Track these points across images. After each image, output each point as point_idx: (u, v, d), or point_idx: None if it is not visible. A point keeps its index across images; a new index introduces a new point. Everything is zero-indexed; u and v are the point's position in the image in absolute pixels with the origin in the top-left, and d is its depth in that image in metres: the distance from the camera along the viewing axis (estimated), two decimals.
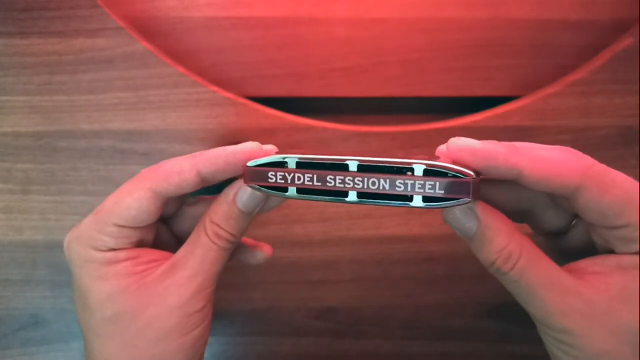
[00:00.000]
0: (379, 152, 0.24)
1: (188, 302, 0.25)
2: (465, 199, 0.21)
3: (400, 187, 0.22)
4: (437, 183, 0.21)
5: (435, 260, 0.42)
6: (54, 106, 0.39)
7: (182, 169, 0.25)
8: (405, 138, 0.41)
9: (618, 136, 0.41)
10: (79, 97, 0.39)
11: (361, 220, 0.41)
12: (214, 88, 0.40)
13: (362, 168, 0.23)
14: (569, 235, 0.27)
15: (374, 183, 0.22)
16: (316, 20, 0.41)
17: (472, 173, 0.21)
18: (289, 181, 0.24)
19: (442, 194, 0.21)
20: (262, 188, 0.24)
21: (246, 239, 0.31)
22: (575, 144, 0.41)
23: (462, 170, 0.21)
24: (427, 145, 0.40)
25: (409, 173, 0.22)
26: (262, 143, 0.41)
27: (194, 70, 0.40)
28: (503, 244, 0.23)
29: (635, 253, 0.22)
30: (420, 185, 0.22)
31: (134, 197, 0.25)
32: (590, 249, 0.25)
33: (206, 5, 0.41)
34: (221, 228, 0.26)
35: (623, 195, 0.22)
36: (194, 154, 0.26)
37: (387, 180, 0.22)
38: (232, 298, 0.42)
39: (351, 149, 0.41)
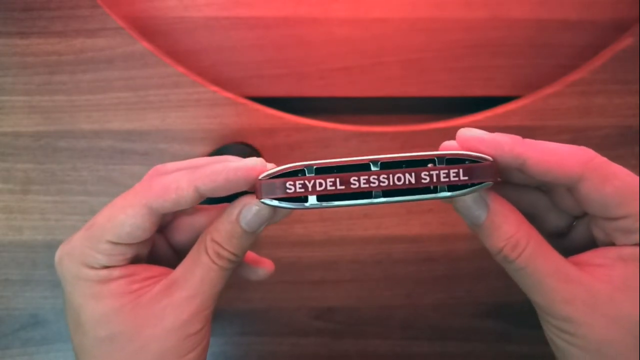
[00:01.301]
0: (388, 152, 0.24)
1: (186, 324, 0.24)
2: (487, 182, 0.22)
3: (426, 179, 0.22)
4: (461, 170, 0.22)
5: (435, 260, 0.42)
6: (54, 106, 0.39)
7: (179, 186, 0.24)
8: (405, 138, 0.41)
9: (618, 136, 0.41)
10: (79, 97, 0.39)
11: (361, 220, 0.41)
12: (214, 88, 0.40)
13: (385, 166, 0.23)
14: (570, 236, 0.27)
15: (399, 178, 0.22)
16: (316, 21, 0.41)
17: (489, 157, 0.22)
18: (310, 189, 0.22)
19: (466, 179, 0.22)
20: (276, 202, 0.23)
21: (249, 253, 0.30)
22: (575, 144, 0.40)
23: (480, 156, 0.22)
24: (427, 145, 0.40)
25: (431, 165, 0.23)
26: (262, 143, 0.41)
27: (194, 70, 0.40)
28: (511, 232, 0.23)
29: (635, 245, 0.23)
30: (445, 174, 0.22)
31: (128, 214, 0.24)
32: (591, 247, 0.25)
33: (206, 5, 0.41)
34: (223, 248, 0.24)
35: (623, 187, 0.22)
36: (191, 164, 0.25)
37: (413, 174, 0.22)
38: (231, 298, 0.42)
39: (351, 149, 0.41)
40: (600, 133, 0.41)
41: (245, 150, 0.40)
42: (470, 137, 0.23)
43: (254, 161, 0.24)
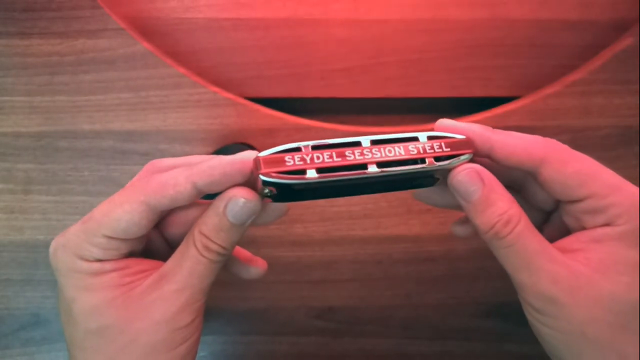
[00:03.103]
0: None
1: (175, 317, 0.24)
2: (468, 153, 0.25)
3: (413, 151, 0.25)
4: (443, 143, 0.25)
5: (435, 260, 0.42)
6: (55, 106, 0.39)
7: (177, 182, 0.24)
8: None
9: (618, 136, 0.41)
10: (80, 98, 0.39)
11: (361, 220, 0.41)
12: (215, 89, 0.40)
13: (375, 142, 0.25)
14: (545, 231, 0.28)
15: (390, 151, 0.24)
16: (316, 21, 0.41)
17: (463, 136, 0.25)
18: (309, 161, 0.23)
19: (449, 151, 0.25)
20: (275, 178, 0.23)
21: (243, 251, 0.30)
22: (575, 144, 0.40)
23: (456, 136, 0.25)
24: None
25: (416, 139, 0.25)
26: (263, 143, 0.41)
27: (194, 71, 0.40)
28: (505, 207, 0.24)
29: (604, 225, 0.24)
30: (430, 147, 0.25)
31: (125, 210, 0.24)
32: None
33: (207, 6, 0.41)
34: (211, 241, 0.25)
35: (583, 168, 0.24)
36: (188, 161, 0.26)
37: (402, 147, 0.24)
38: (231, 297, 0.42)
39: None
40: (600, 133, 0.41)
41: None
42: (448, 127, 0.26)
43: (249, 154, 0.24)
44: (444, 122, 0.26)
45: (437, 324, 0.43)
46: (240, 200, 0.24)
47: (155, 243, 0.28)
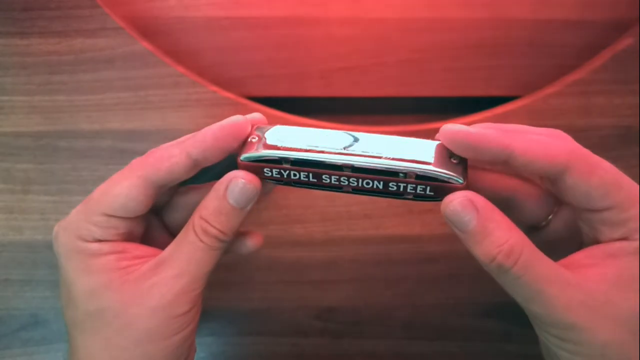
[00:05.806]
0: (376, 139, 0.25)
1: (171, 304, 0.24)
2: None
3: (393, 188, 0.24)
4: (428, 187, 0.23)
5: (435, 260, 0.42)
6: (54, 106, 0.39)
7: (171, 154, 0.24)
8: None
9: (618, 136, 0.41)
10: (79, 97, 0.39)
11: (361, 220, 0.41)
12: (214, 88, 0.40)
13: (357, 170, 0.23)
14: (548, 229, 0.27)
15: (368, 183, 0.24)
16: (316, 20, 0.41)
17: (461, 180, 0.23)
18: (285, 177, 0.24)
19: (432, 195, 0.23)
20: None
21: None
22: None
23: (453, 177, 0.23)
24: None
25: (402, 176, 0.23)
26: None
27: (194, 70, 0.40)
28: (505, 238, 0.22)
29: (622, 239, 0.23)
30: (412, 187, 0.23)
31: (124, 185, 0.24)
32: (568, 243, 0.25)
33: (206, 5, 0.41)
34: (210, 225, 0.24)
35: (608, 177, 0.22)
36: (182, 139, 0.26)
37: (382, 182, 0.23)
38: (232, 298, 0.42)
39: None
40: (600, 133, 0.41)
41: None
42: (456, 132, 0.23)
43: (236, 117, 0.25)
44: (451, 127, 0.23)
45: (437, 324, 0.43)
46: (240, 181, 0.24)
47: (155, 231, 0.29)
